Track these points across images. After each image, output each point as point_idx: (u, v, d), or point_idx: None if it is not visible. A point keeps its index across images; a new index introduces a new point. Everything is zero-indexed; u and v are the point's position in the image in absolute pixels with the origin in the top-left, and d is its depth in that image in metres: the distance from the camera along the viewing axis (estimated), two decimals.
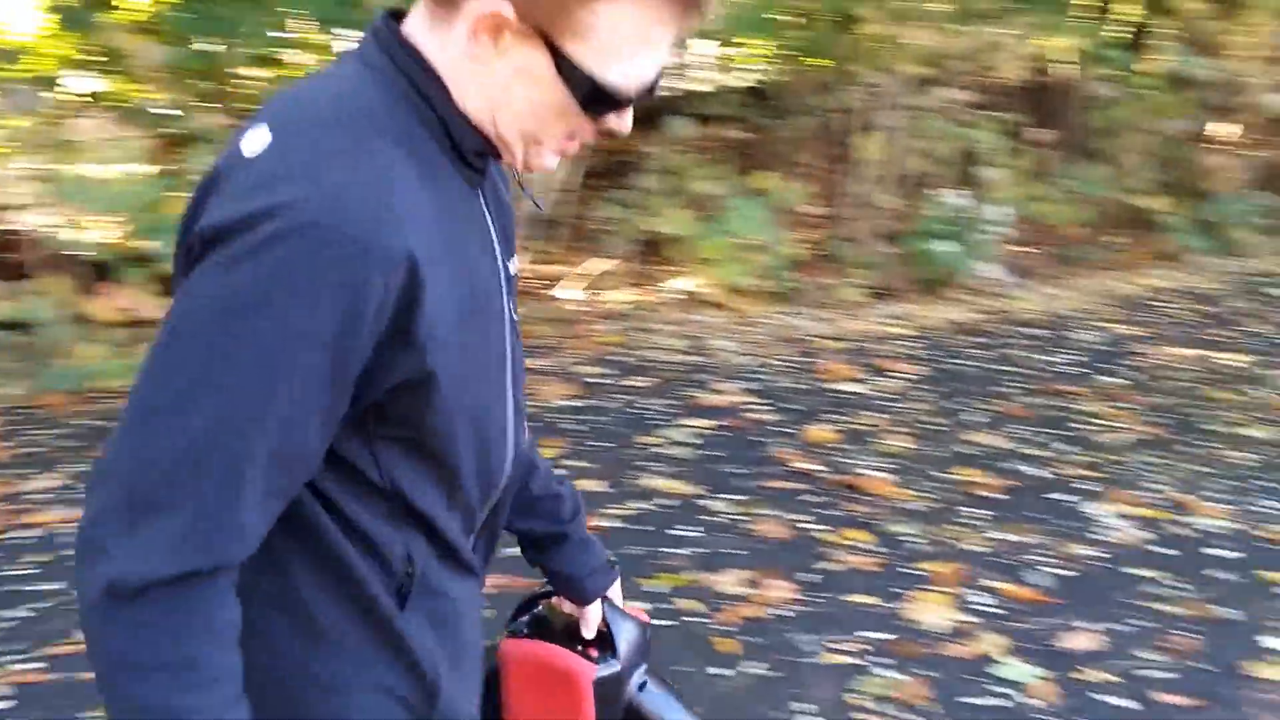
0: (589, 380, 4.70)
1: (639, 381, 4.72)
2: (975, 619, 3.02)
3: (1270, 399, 4.72)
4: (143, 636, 0.91)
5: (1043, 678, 2.77)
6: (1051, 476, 3.93)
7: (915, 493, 3.76)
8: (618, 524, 3.49)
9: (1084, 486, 3.84)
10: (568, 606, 1.47)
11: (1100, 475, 3.93)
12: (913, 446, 4.16)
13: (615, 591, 1.49)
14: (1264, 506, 3.72)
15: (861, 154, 6.22)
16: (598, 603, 1.46)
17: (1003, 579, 3.23)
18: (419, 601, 1.13)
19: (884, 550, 3.38)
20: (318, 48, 5.49)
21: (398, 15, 1.06)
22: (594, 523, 3.48)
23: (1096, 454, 4.12)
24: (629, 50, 1.01)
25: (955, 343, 5.46)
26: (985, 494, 3.77)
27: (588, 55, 0.99)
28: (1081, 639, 2.93)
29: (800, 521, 3.53)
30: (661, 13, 1.00)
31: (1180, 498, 3.76)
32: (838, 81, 6.33)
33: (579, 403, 4.44)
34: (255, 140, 0.96)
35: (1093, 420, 4.46)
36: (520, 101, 1.03)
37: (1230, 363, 5.22)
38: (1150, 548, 3.43)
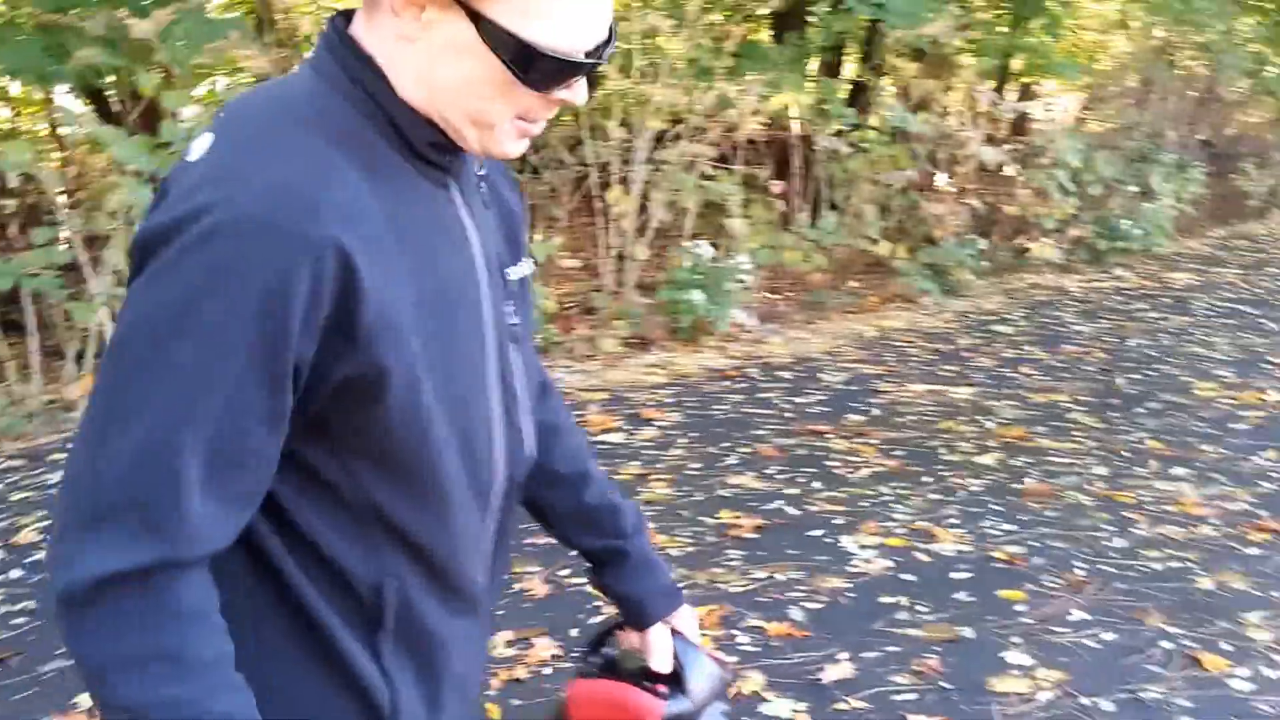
0: None
1: None
2: (740, 659, 3.09)
3: (996, 429, 5.06)
4: (112, 635, 0.91)
5: (804, 711, 2.85)
6: (806, 513, 4.08)
7: (677, 538, 3.82)
8: None
9: (837, 521, 4.01)
10: (635, 638, 1.38)
11: (851, 509, 4.11)
12: (674, 493, 4.23)
13: (686, 621, 1.41)
14: (996, 529, 3.97)
15: (615, 207, 6.34)
16: (665, 632, 1.37)
17: (764, 617, 3.32)
18: (392, 635, 1.07)
19: None
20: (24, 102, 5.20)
21: (350, 16, 1.03)
22: None
23: (847, 489, 4.30)
24: (552, 5, 0.96)
25: (712, 389, 5.62)
26: (745, 535, 3.88)
27: (509, 15, 0.95)
28: (837, 669, 3.04)
29: (565, 577, 3.52)
30: None
31: (923, 525, 3.97)
32: (590, 136, 6.46)
33: None
34: (199, 145, 0.97)
35: (842, 457, 4.67)
36: (454, 79, 0.98)
37: (961, 396, 5.58)
38: (899, 575, 3.60)
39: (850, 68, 9.26)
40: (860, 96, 8.00)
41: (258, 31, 6.63)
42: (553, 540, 1.44)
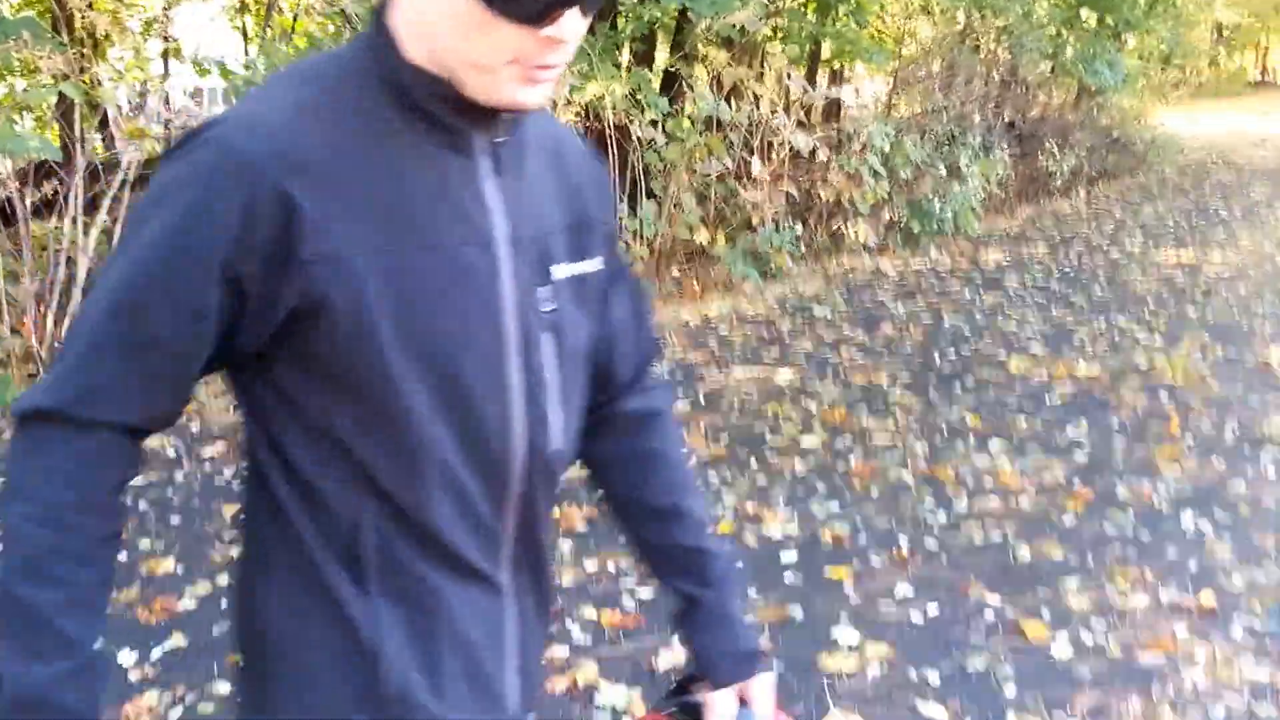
0: None
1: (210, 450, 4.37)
2: (575, 652, 3.02)
3: (820, 411, 5.12)
4: (14, 460, 1.02)
5: (637, 698, 2.80)
6: None
7: None
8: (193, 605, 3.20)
9: None
10: (706, 692, 1.26)
11: None
12: None
13: (760, 692, 1.27)
14: (822, 510, 4.00)
15: None
16: (730, 700, 1.25)
17: (597, 607, 3.26)
18: (376, 575, 1.07)
19: None
20: None
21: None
22: (174, 605, 3.17)
23: None
24: None
25: None
26: (576, 528, 3.80)
27: None
28: (670, 656, 2.99)
29: None
30: None
31: (752, 509, 3.98)
32: None
33: None
34: None
35: None
36: (439, 22, 0.98)
37: (784, 380, 5.63)
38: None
39: (663, 57, 9.29)
40: (674, 85, 8.01)
41: (54, 31, 6.21)
42: None
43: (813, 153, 8.24)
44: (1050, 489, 4.22)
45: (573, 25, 0.98)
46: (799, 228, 8.25)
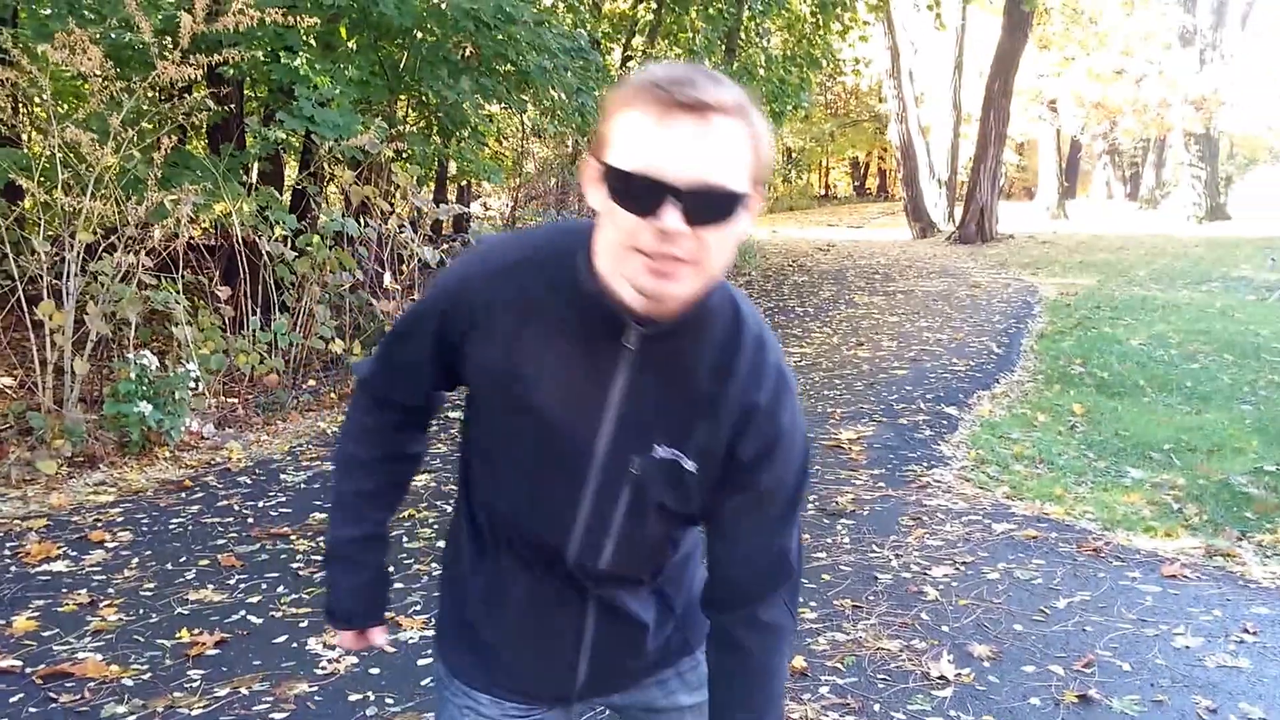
0: None
1: None
2: None
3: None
4: (350, 411, 1.60)
5: None
6: (271, 620, 3.85)
7: (131, 667, 3.43)
8: None
9: (303, 625, 3.81)
10: None
11: (317, 610, 3.92)
12: (126, 617, 3.81)
13: None
14: None
15: (48, 321, 5.68)
16: None
17: None
18: (483, 554, 1.52)
19: None
20: None
21: None
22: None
23: (313, 589, 4.11)
24: (633, 144, 1.18)
25: (168, 502, 5.17)
26: (207, 652, 3.57)
27: (613, 155, 1.21)
28: None
29: None
30: (648, 113, 1.17)
31: (389, 616, 3.88)
32: (13, 251, 5.75)
33: None
34: None
35: (307, 557, 4.47)
36: (606, 233, 1.24)
37: (421, 484, 5.58)
38: (368, 670, 3.47)
39: (292, 175, 9.12)
40: (303, 202, 7.88)
41: None
42: None
43: (440, 263, 8.35)
44: None
45: (673, 216, 1.17)
46: None
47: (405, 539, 4.71)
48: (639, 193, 1.17)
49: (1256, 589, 4.26)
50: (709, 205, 1.18)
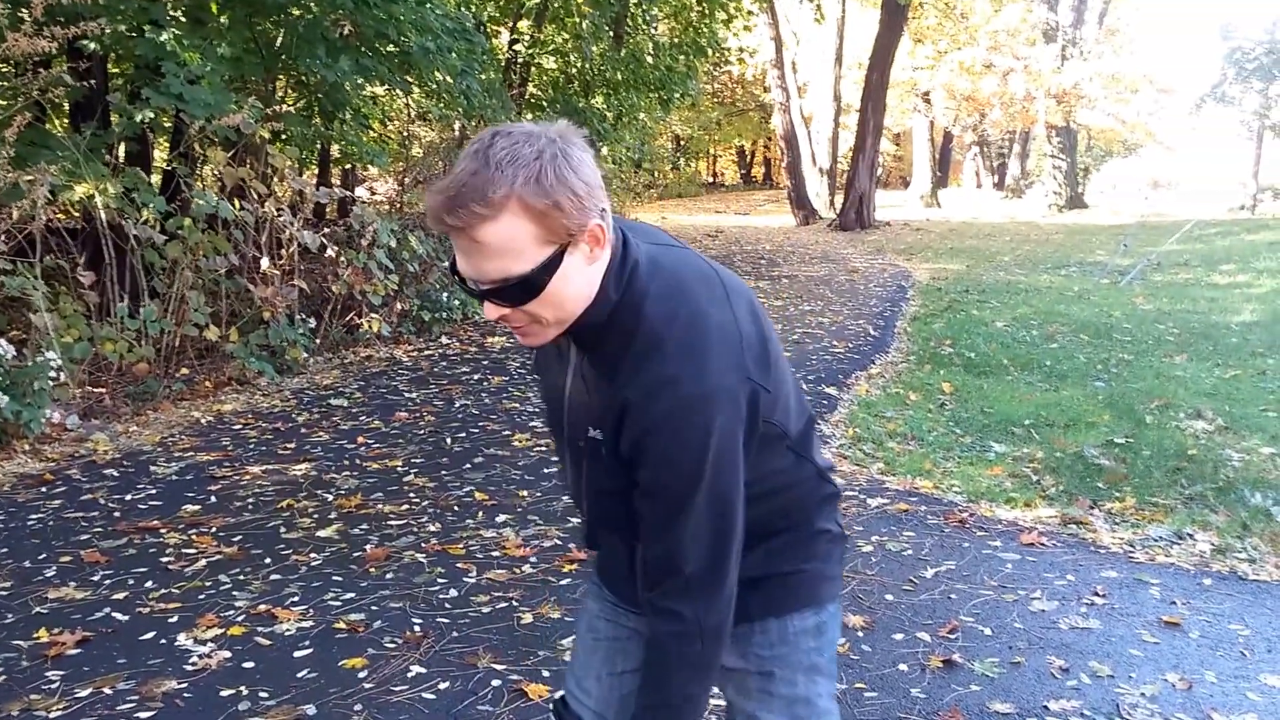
0: None
1: None
2: None
3: (336, 500, 4.96)
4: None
5: None
6: (138, 616, 3.65)
7: None
8: None
9: (172, 620, 3.63)
10: None
11: (187, 604, 3.76)
12: None
13: None
14: (338, 600, 3.85)
15: None
16: None
17: None
18: None
19: None
20: None
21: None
22: None
23: (183, 584, 3.94)
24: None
25: (26, 497, 4.88)
26: (68, 652, 3.37)
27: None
28: None
29: None
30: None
31: (264, 609, 3.74)
32: None
33: None
34: None
35: (177, 550, 4.27)
36: None
37: (300, 472, 5.41)
38: (241, 664, 3.33)
39: (162, 156, 8.72)
40: (173, 184, 7.53)
41: None
42: None
43: (322, 248, 8.09)
44: (549, 554, 4.34)
45: (490, 311, 1.39)
46: (313, 321, 8.04)
47: (284, 529, 4.53)
48: (465, 288, 1.40)
49: (1106, 554, 4.41)
50: (507, 294, 1.35)
